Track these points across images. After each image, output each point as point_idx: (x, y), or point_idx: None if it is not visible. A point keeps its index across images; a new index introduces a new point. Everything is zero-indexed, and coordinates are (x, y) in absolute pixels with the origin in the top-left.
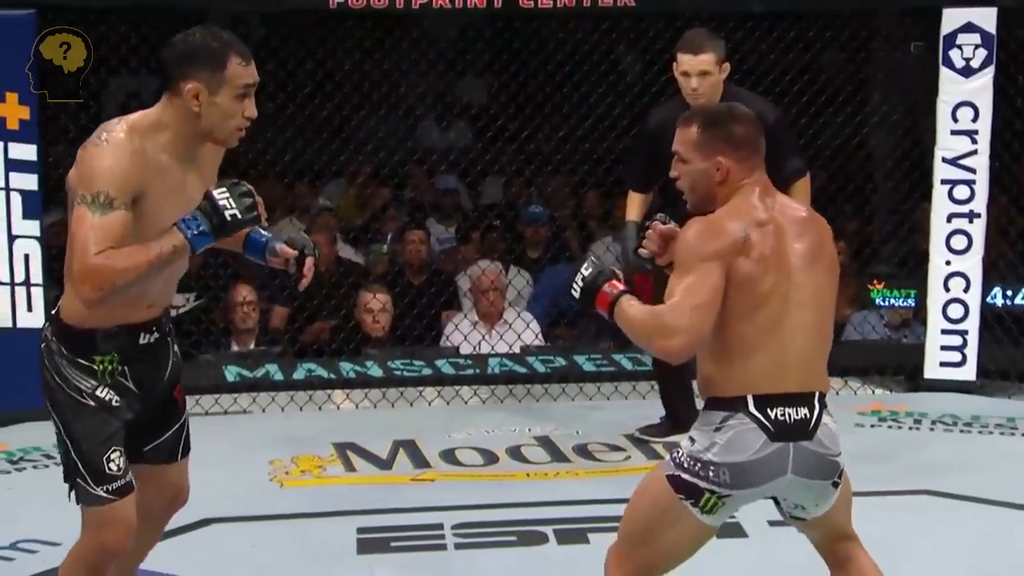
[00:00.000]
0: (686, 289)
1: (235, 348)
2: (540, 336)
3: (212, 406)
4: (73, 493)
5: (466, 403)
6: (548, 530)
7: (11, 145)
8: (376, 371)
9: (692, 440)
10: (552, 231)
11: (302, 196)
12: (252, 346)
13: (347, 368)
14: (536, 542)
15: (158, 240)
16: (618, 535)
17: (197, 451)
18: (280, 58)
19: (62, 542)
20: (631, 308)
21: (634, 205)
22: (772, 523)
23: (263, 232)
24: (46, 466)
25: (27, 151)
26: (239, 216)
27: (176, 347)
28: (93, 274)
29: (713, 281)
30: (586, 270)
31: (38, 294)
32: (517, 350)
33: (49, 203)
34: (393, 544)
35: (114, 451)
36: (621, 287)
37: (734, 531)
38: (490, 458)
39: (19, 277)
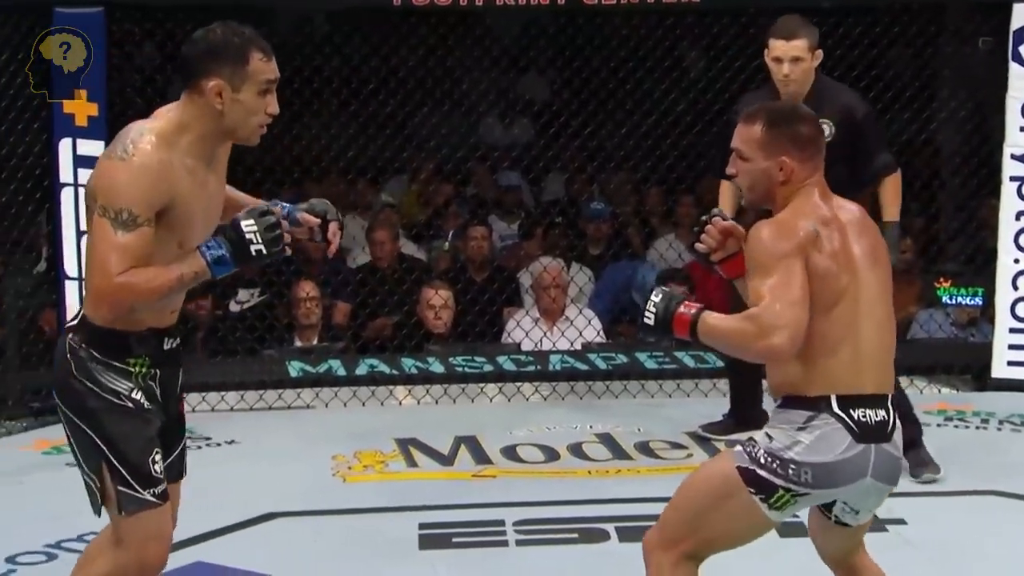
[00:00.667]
0: (774, 288)
1: (298, 343)
2: (602, 333)
3: (275, 401)
4: (111, 505)
5: (527, 400)
6: (610, 527)
7: (80, 142)
8: (438, 367)
9: (770, 437)
10: (614, 228)
11: (364, 193)
12: (315, 342)
13: (409, 364)
14: (598, 539)
15: (180, 263)
16: (664, 522)
17: (262, 445)
18: (344, 55)
19: None
20: (718, 320)
21: (725, 194)
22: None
23: (284, 204)
24: None
25: (95, 147)
26: (263, 251)
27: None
28: (113, 294)
29: (799, 275)
30: (656, 297)
31: None
32: (579, 347)
33: None
34: (455, 540)
35: (156, 452)
36: (697, 305)
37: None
38: (551, 455)
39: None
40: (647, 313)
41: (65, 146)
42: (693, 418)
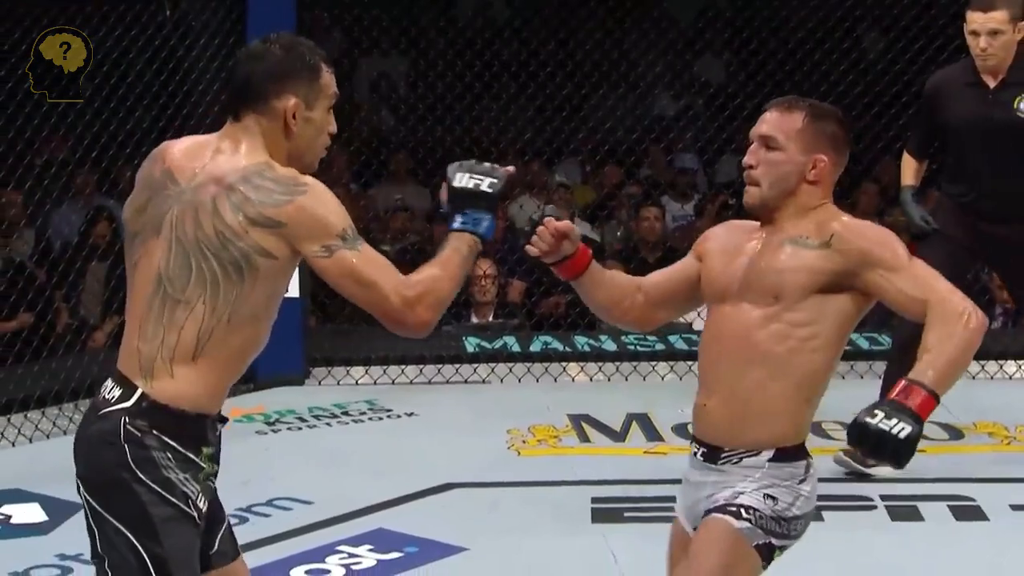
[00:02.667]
0: (929, 272)
1: (474, 320)
2: None
3: (453, 375)
4: None
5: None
6: None
7: None
8: (610, 345)
9: (773, 499)
10: None
11: (539, 174)
12: (490, 318)
13: (582, 342)
14: None
15: (452, 250)
16: None
17: (440, 418)
18: (523, 39)
19: (314, 501)
20: (935, 373)
21: (908, 170)
22: None
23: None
24: (299, 428)
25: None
26: (493, 181)
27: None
28: (421, 298)
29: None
30: (893, 424)
31: None
32: None
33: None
34: (627, 514)
35: None
36: (920, 396)
37: None
38: None
39: None
40: (888, 438)
41: None
42: (861, 401)
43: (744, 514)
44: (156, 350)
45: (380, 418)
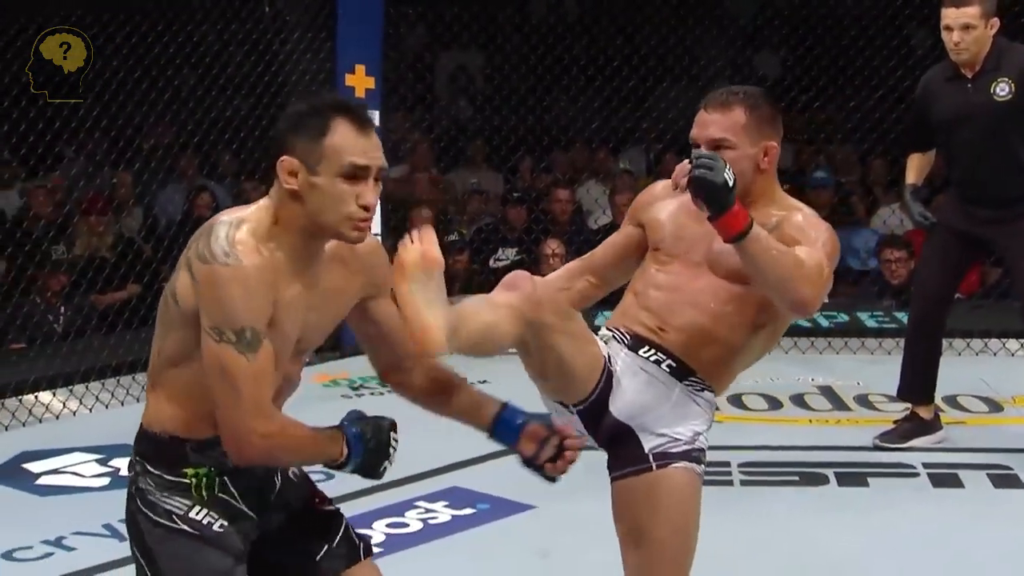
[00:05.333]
0: (822, 261)
1: None
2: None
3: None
4: None
5: None
6: (829, 472)
7: None
8: None
9: (697, 432)
10: (837, 196)
11: (604, 161)
12: None
13: None
14: (818, 483)
15: (326, 439)
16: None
17: (511, 386)
18: (592, 35)
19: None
20: (769, 238)
21: (911, 168)
22: None
23: (520, 411)
24: (381, 393)
25: (371, 117)
26: (379, 472)
27: (295, 469)
28: (271, 436)
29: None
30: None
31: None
32: None
33: (389, 162)
34: None
35: None
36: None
37: None
38: (774, 404)
39: None
40: (706, 169)
41: None
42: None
43: (702, 459)
44: (150, 382)
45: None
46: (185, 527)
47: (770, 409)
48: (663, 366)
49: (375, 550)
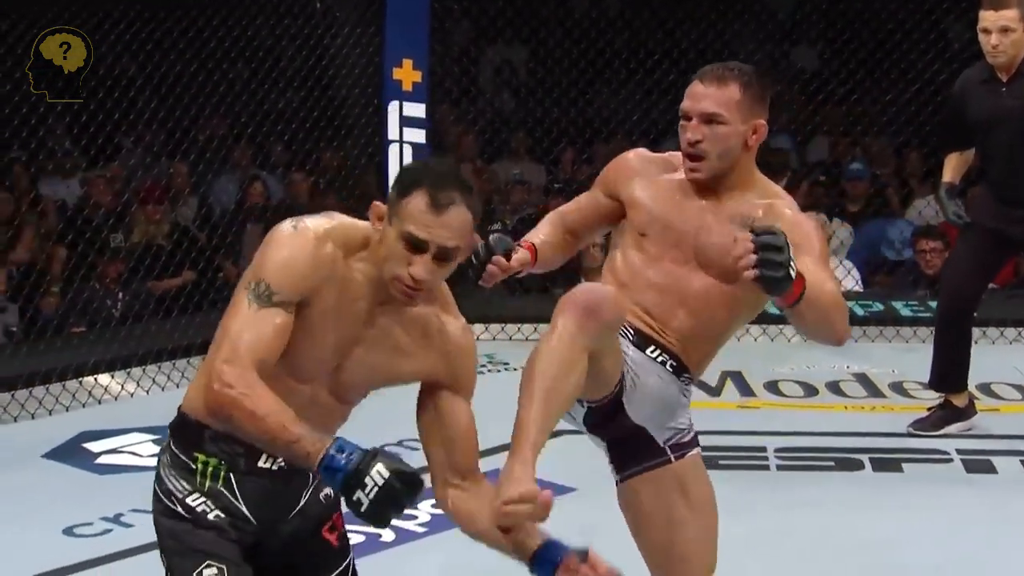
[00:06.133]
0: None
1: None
2: (860, 283)
3: None
4: None
5: (789, 341)
6: (864, 458)
7: (405, 104)
8: None
9: (690, 420)
10: (872, 188)
11: None
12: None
13: None
14: (853, 468)
15: (303, 429)
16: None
17: None
18: (633, 29)
19: None
20: (820, 288)
21: (947, 167)
22: None
23: (560, 546)
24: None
25: (417, 109)
26: (364, 509)
27: (327, 490)
28: (220, 391)
29: None
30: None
31: None
32: None
33: (435, 154)
34: (721, 462)
35: (208, 566)
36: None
37: None
38: (810, 391)
39: None
40: (773, 268)
41: (393, 108)
42: (923, 364)
43: (693, 442)
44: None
45: (499, 370)
46: (179, 509)
47: (806, 396)
48: (667, 366)
49: (420, 530)
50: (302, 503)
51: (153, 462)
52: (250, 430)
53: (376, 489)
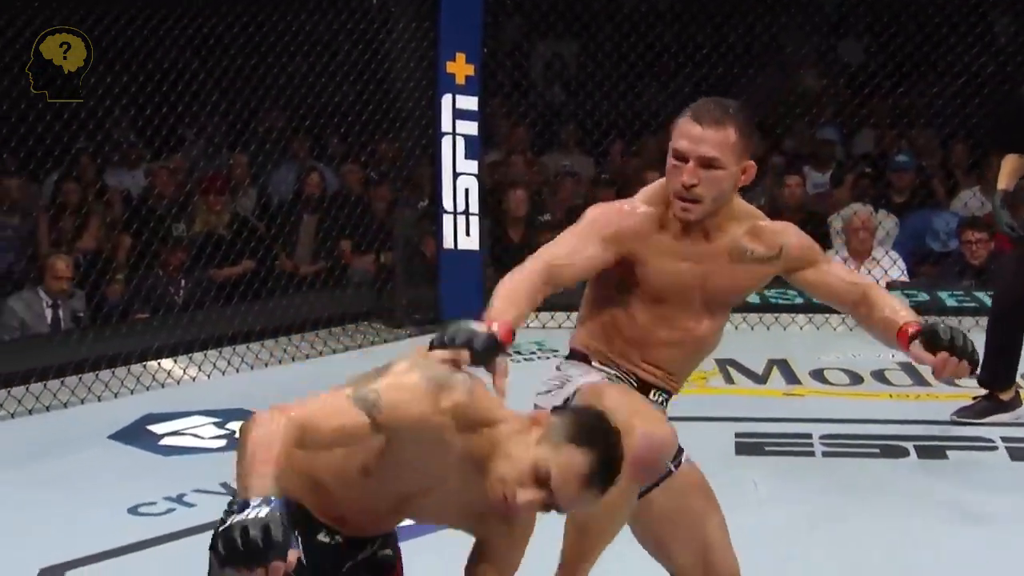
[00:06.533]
0: None
1: None
2: (905, 273)
3: None
4: None
5: (835, 330)
6: (909, 445)
7: (458, 97)
8: (753, 298)
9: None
10: (917, 179)
11: None
12: None
13: None
14: (897, 455)
15: (262, 468)
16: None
17: None
18: (682, 23)
19: None
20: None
21: (1005, 170)
22: None
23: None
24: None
25: (470, 102)
26: (237, 551)
27: (390, 549)
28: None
29: None
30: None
31: (475, 222)
32: (884, 285)
33: (486, 146)
34: (767, 448)
35: None
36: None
37: None
38: (856, 379)
39: (460, 207)
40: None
41: (446, 101)
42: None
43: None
44: None
45: (548, 357)
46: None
47: (851, 384)
48: (663, 402)
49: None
50: (362, 555)
51: (215, 444)
52: (240, 455)
53: (243, 526)
